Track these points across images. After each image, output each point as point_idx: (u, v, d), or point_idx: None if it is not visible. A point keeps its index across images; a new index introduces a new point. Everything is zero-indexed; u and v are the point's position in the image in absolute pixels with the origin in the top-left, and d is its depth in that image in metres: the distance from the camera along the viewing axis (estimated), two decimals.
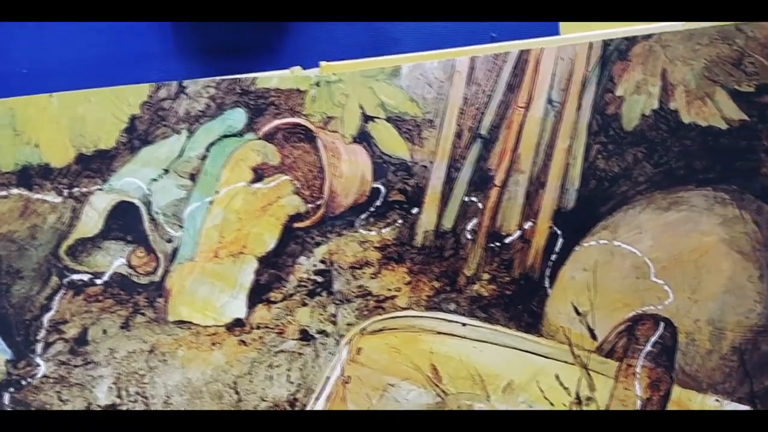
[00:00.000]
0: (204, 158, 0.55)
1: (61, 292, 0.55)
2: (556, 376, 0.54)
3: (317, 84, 0.55)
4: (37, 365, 0.55)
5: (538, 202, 0.55)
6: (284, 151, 0.56)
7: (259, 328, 0.55)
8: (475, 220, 0.55)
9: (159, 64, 0.62)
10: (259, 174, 0.56)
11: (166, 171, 0.55)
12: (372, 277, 0.55)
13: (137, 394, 0.55)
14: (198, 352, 0.55)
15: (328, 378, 0.55)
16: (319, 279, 0.55)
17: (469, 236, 0.55)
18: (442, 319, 0.55)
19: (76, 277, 0.55)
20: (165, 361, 0.55)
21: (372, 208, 0.55)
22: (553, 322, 0.54)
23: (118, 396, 0.55)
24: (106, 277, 0.55)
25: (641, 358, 0.53)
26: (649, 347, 0.53)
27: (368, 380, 0.54)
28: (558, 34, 0.59)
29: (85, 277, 0.55)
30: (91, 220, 0.55)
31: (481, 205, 0.55)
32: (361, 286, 0.55)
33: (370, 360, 0.54)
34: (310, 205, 0.56)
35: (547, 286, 0.54)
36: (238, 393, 0.55)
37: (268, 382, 0.55)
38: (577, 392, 0.53)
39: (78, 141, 0.55)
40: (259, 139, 0.56)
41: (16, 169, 0.55)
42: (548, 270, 0.54)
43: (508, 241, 0.55)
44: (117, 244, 0.55)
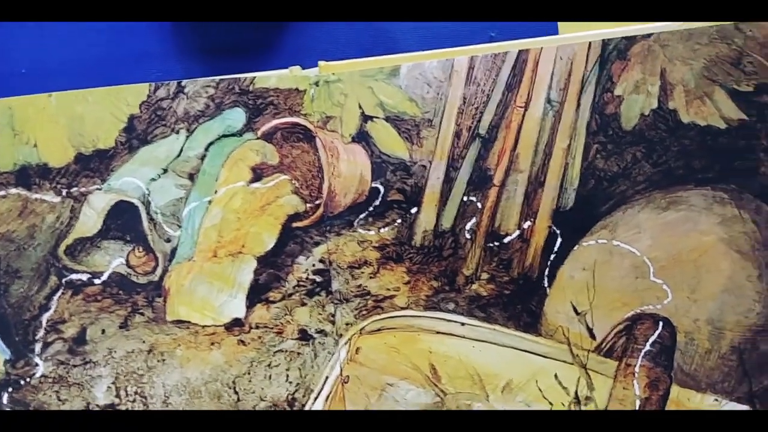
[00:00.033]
0: (203, 158, 0.55)
1: (60, 291, 0.55)
2: (555, 376, 0.54)
3: (316, 84, 0.55)
4: (36, 365, 0.55)
5: (537, 202, 0.55)
6: (283, 150, 0.56)
7: (257, 327, 0.55)
8: (474, 220, 0.55)
9: (158, 64, 0.62)
10: (258, 174, 0.56)
11: (165, 171, 0.55)
12: (371, 277, 0.55)
13: (136, 393, 0.55)
14: (197, 351, 0.55)
15: (327, 377, 0.55)
16: (318, 279, 0.55)
17: (468, 236, 0.55)
18: (441, 319, 0.55)
19: (74, 276, 0.55)
20: (164, 360, 0.55)
21: (371, 208, 0.55)
22: (552, 321, 0.54)
23: (117, 396, 0.55)
24: (104, 277, 0.55)
25: (640, 357, 0.53)
26: (648, 347, 0.53)
27: (367, 380, 0.54)
28: (557, 34, 0.59)
29: (84, 277, 0.55)
30: (90, 220, 0.55)
31: (480, 205, 0.55)
32: (360, 286, 0.55)
33: (368, 359, 0.54)
34: (309, 205, 0.56)
35: (546, 285, 0.54)
36: (237, 393, 0.55)
37: (267, 381, 0.55)
38: (576, 392, 0.53)
39: (77, 141, 0.55)
40: (258, 138, 0.56)
41: (14, 168, 0.55)
42: (547, 269, 0.54)
43: (506, 240, 0.55)
44: (116, 244, 0.55)
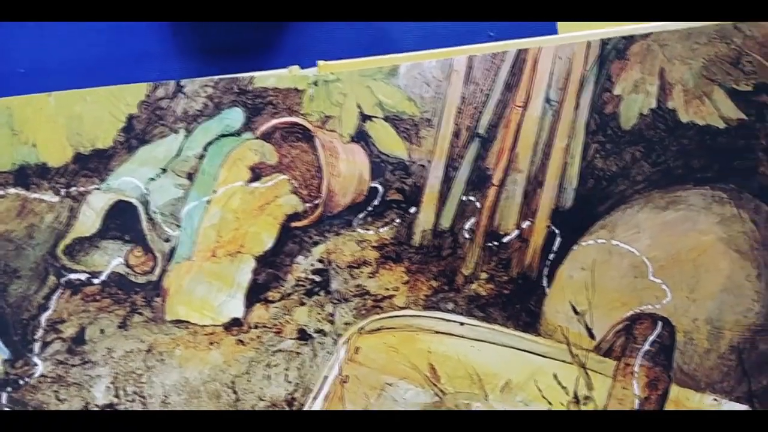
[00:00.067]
0: (202, 157, 0.55)
1: (59, 291, 0.55)
2: (554, 376, 0.54)
3: (315, 83, 0.55)
4: (35, 365, 0.55)
5: (536, 202, 0.55)
6: (282, 150, 0.56)
7: (256, 327, 0.55)
8: (473, 220, 0.55)
9: (157, 64, 0.62)
10: (257, 173, 0.56)
11: (164, 170, 0.55)
12: (370, 277, 0.55)
13: (135, 393, 0.55)
14: (195, 351, 0.55)
15: (326, 377, 0.54)
16: (317, 278, 0.55)
17: (467, 235, 0.55)
18: (440, 319, 0.55)
19: (73, 276, 0.55)
20: (162, 360, 0.55)
21: (370, 208, 0.55)
22: (551, 321, 0.54)
23: (116, 395, 0.55)
24: (103, 277, 0.55)
25: (639, 357, 0.53)
26: (647, 346, 0.53)
27: (366, 379, 0.54)
28: (556, 34, 0.59)
29: (83, 277, 0.55)
30: (89, 220, 0.55)
31: (479, 205, 0.55)
32: (359, 286, 0.55)
33: (368, 359, 0.54)
34: (307, 205, 0.56)
35: (545, 285, 0.54)
36: (236, 392, 0.55)
37: (266, 381, 0.55)
38: (575, 391, 0.53)
39: (75, 140, 0.55)
40: (257, 138, 0.56)
41: (13, 168, 0.55)
42: (546, 269, 0.54)
43: (506, 240, 0.55)
44: (114, 244, 0.55)
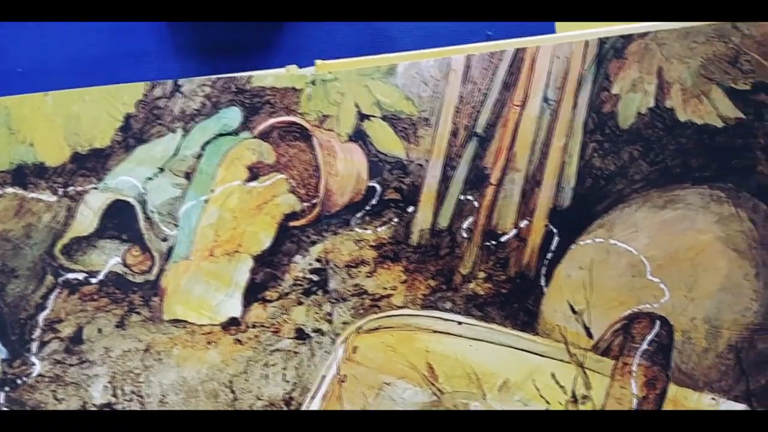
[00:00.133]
0: (199, 157, 0.55)
1: (56, 291, 0.55)
2: (552, 375, 0.54)
3: (313, 82, 0.55)
4: (33, 364, 0.55)
5: (533, 201, 0.55)
6: (280, 149, 0.56)
7: (254, 326, 0.55)
8: (470, 219, 0.55)
9: (155, 63, 0.62)
10: (255, 172, 0.56)
11: (162, 170, 0.55)
12: (368, 276, 0.55)
13: (132, 393, 0.55)
14: (193, 351, 0.55)
15: (324, 377, 0.54)
16: (315, 278, 0.55)
17: (465, 235, 0.55)
18: (438, 318, 0.54)
19: (71, 276, 0.55)
20: (160, 360, 0.55)
21: (368, 207, 0.55)
22: (549, 320, 0.54)
23: (114, 395, 0.55)
24: (101, 276, 0.55)
25: (637, 356, 0.53)
26: (645, 345, 0.53)
27: (364, 379, 0.54)
28: (554, 33, 0.59)
29: (80, 276, 0.55)
30: (86, 219, 0.55)
31: (476, 204, 0.55)
32: (357, 285, 0.55)
33: (365, 359, 0.54)
34: (305, 204, 0.56)
35: (543, 284, 0.54)
36: (233, 392, 0.55)
37: (264, 380, 0.55)
38: (573, 391, 0.53)
39: (73, 140, 0.55)
40: (255, 137, 0.56)
41: (10, 168, 0.55)
42: (544, 268, 0.54)
43: (503, 239, 0.55)
44: (112, 243, 0.55)
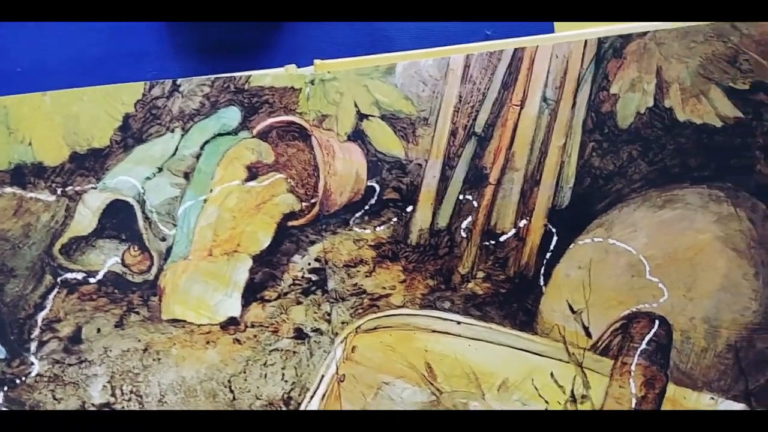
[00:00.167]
0: (198, 156, 0.55)
1: (55, 290, 0.55)
2: (551, 374, 0.54)
3: (312, 82, 0.55)
4: (31, 364, 0.55)
5: (532, 200, 0.55)
6: (278, 149, 0.56)
7: (253, 326, 0.55)
8: (469, 219, 0.55)
9: (154, 63, 0.62)
10: (254, 172, 0.56)
11: (160, 169, 0.55)
12: (366, 276, 0.55)
13: (131, 392, 0.55)
14: (192, 350, 0.55)
15: (323, 376, 0.54)
16: (314, 277, 0.55)
17: (464, 234, 0.55)
18: (437, 318, 0.54)
19: (70, 275, 0.55)
20: (159, 359, 0.55)
21: (366, 207, 0.55)
22: (547, 320, 0.54)
23: (113, 395, 0.55)
24: (100, 276, 0.55)
25: (636, 356, 0.53)
26: (644, 345, 0.53)
27: (363, 378, 0.54)
28: (553, 32, 0.59)
29: (79, 276, 0.55)
30: (85, 219, 0.55)
31: (475, 203, 0.55)
32: (356, 285, 0.55)
33: (364, 358, 0.54)
34: (304, 204, 0.56)
35: (542, 284, 0.54)
36: (232, 391, 0.55)
37: (263, 380, 0.55)
38: (572, 390, 0.53)
39: (72, 139, 0.55)
40: (254, 137, 0.56)
41: (9, 167, 0.55)
42: (543, 268, 0.54)
43: (502, 239, 0.55)
44: (111, 243, 0.55)
